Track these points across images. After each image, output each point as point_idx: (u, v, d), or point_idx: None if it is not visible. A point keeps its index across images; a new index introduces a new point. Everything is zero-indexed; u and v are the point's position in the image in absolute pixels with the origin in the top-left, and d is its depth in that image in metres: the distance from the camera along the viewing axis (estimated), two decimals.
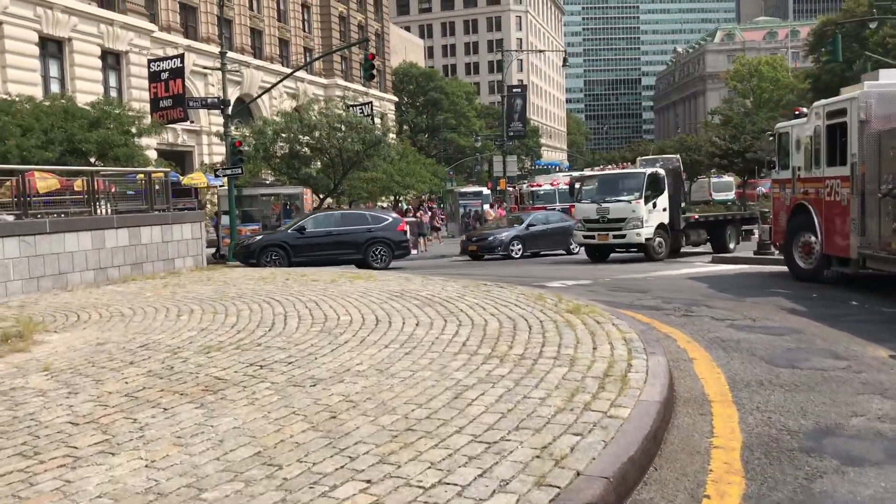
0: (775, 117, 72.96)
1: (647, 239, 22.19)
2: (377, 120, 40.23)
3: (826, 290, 13.23)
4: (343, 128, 31.36)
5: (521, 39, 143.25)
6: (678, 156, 30.40)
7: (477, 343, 7.92)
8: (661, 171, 23.31)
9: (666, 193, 22.97)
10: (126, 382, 6.77)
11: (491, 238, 27.65)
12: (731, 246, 24.21)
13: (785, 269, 16.87)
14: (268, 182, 32.28)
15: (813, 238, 14.13)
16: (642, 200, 22.27)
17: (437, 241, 38.84)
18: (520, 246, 27.18)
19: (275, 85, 31.80)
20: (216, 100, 27.69)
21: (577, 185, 24.86)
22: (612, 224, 22.64)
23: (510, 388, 6.12)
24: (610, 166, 30.13)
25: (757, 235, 27.65)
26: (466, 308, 10.32)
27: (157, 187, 17.57)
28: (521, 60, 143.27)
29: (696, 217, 24.66)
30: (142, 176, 18.18)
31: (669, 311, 11.47)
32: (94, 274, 14.82)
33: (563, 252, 27.69)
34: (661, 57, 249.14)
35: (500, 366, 6.90)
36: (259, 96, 35.06)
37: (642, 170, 23.95)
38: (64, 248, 14.16)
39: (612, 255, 23.77)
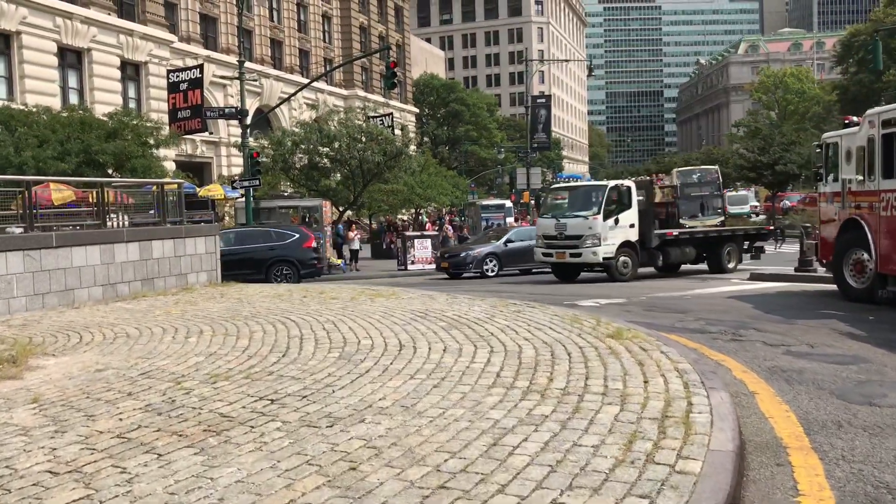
0: (804, 129, 71.84)
1: (605, 258, 20.56)
2: (398, 131, 39.56)
3: (883, 313, 12.30)
4: (363, 139, 30.71)
5: (542, 51, 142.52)
6: (717, 167, 29.46)
7: (513, 374, 7.10)
8: (628, 185, 21.74)
9: (634, 209, 21.30)
10: (120, 419, 6.00)
11: (463, 255, 25.80)
12: (731, 265, 22.68)
13: (831, 287, 15.95)
14: (286, 194, 31.64)
15: (866, 255, 13.21)
16: (600, 216, 20.64)
17: None
18: (495, 263, 25.43)
19: (293, 94, 31.21)
20: (234, 110, 27.11)
21: (542, 198, 23.40)
22: (569, 241, 21.06)
23: (556, 432, 5.29)
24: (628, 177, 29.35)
25: (774, 250, 26.51)
26: (497, 331, 9.51)
27: (170, 199, 16.88)
28: (543, 72, 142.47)
29: (675, 234, 22.49)
30: (155, 188, 17.51)
31: (716, 334, 10.59)
32: (102, 290, 14.14)
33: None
34: (683, 69, 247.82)
35: (541, 403, 6.08)
36: (277, 106, 34.51)
37: (604, 183, 22.31)
38: (71, 263, 13.49)
39: (585, 273, 22.50)
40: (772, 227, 25.11)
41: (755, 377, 7.87)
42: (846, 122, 14.55)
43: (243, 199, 27.04)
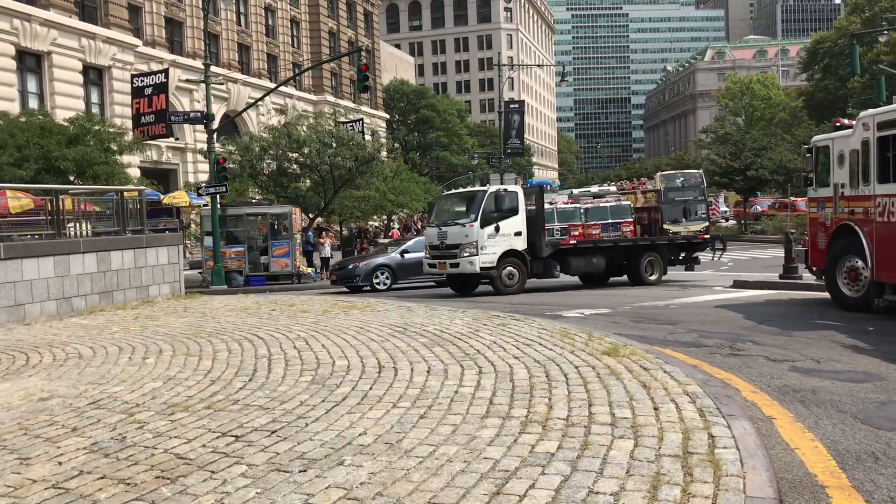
0: (774, 134, 72.00)
1: (483, 268, 19.26)
2: (368, 136, 38.80)
3: (881, 323, 11.75)
4: (334, 144, 29.86)
5: (511, 57, 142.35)
6: (700, 171, 29.10)
7: (507, 400, 6.39)
8: (512, 190, 20.61)
9: (521, 216, 19.97)
10: (59, 462, 5.20)
11: (351, 266, 23.91)
12: (653, 277, 21.43)
13: (820, 295, 15.47)
14: (254, 201, 30.72)
15: (860, 263, 12.68)
16: (477, 223, 19.32)
17: None
18: (387, 276, 23.51)
19: (260, 99, 30.30)
20: (199, 114, 26.16)
21: (432, 206, 21.95)
22: (448, 251, 19.80)
23: (567, 475, 4.58)
24: (607, 184, 28.70)
25: (713, 259, 25.16)
26: (483, 348, 8.80)
27: (131, 207, 15.98)
28: (513, 79, 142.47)
29: (573, 243, 21.32)
30: (116, 196, 16.59)
31: (712, 348, 9.96)
32: (56, 304, 13.22)
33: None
34: (650, 76, 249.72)
35: (544, 437, 5.37)
36: (244, 110, 33.55)
37: (483, 188, 21.22)
38: (22, 276, 12.56)
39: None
40: (707, 236, 23.60)
41: (767, 398, 7.22)
42: (837, 124, 14.04)
43: (209, 206, 26.08)
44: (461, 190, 22.16)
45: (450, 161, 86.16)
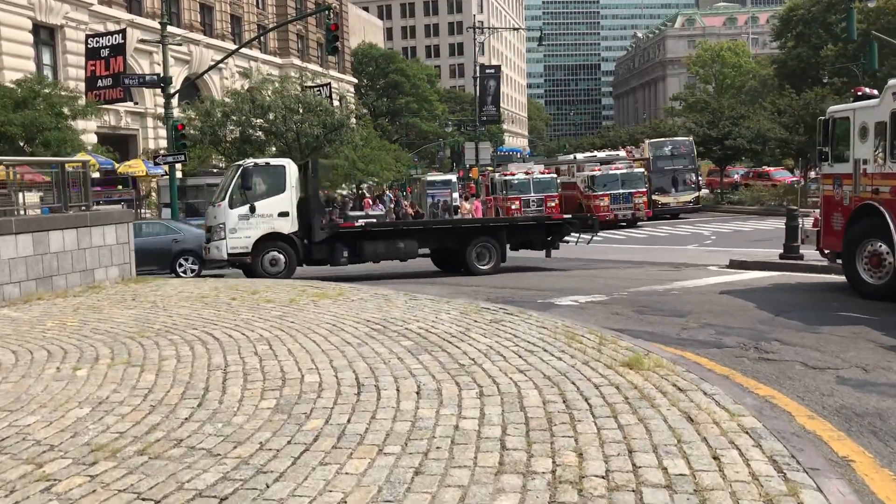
0: (748, 103, 71.04)
1: (233, 254, 17.31)
2: (336, 102, 37.05)
3: None
4: (300, 110, 28.21)
5: (482, 21, 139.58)
6: (690, 138, 27.96)
7: (523, 443, 5.04)
8: (277, 164, 18.65)
9: (288, 194, 17.88)
10: None
11: None
12: (485, 265, 18.79)
13: (826, 278, 14.39)
14: (216, 170, 29.00)
15: (884, 247, 11.51)
16: (225, 203, 17.45)
17: None
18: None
19: (222, 60, 28.55)
20: (155, 77, 24.37)
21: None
22: (208, 234, 18.01)
23: None
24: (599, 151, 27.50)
25: (576, 244, 21.98)
26: (479, 356, 7.45)
27: (75, 179, 14.34)
28: (483, 44, 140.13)
29: (361, 224, 19.33)
30: (63, 167, 14.89)
31: (736, 349, 8.72)
32: None
33: (170, 273, 19.88)
34: (620, 42, 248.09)
35: None
36: (204, 73, 31.62)
37: (240, 162, 19.13)
38: None
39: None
40: (567, 217, 21.68)
41: (829, 427, 5.96)
42: (858, 93, 12.77)
43: (167, 176, 24.40)
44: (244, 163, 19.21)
45: (420, 128, 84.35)
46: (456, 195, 41.72)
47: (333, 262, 18.60)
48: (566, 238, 21.13)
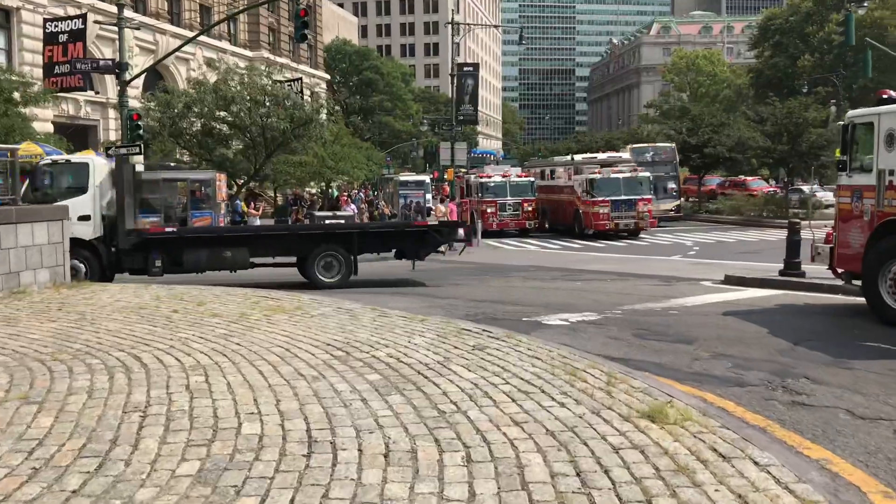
0: (730, 110, 70.34)
1: None
2: (307, 96, 35.43)
3: None
4: (267, 102, 26.62)
5: (458, 23, 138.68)
6: (673, 144, 26.85)
7: None
8: (78, 162, 16.98)
9: (92, 195, 16.05)
10: None
11: None
12: (331, 278, 16.81)
13: (836, 299, 13.13)
14: (172, 165, 27.22)
15: None
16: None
17: None
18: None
19: (183, 45, 26.86)
20: (110, 63, 22.66)
21: None
22: None
23: None
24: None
25: (446, 256, 21.31)
26: (462, 398, 6.03)
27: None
28: (459, 45, 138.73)
29: (172, 232, 17.31)
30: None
31: (762, 389, 7.39)
32: None
33: None
34: (595, 48, 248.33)
35: None
36: (163, 59, 29.75)
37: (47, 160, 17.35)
38: None
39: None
40: (432, 224, 19.56)
41: None
42: (883, 97, 11.50)
43: None
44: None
45: (393, 127, 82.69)
46: (429, 196, 40.29)
47: (147, 271, 16.58)
48: (440, 249, 19.03)
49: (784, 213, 38.82)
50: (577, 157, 34.83)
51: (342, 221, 25.35)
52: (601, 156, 34.88)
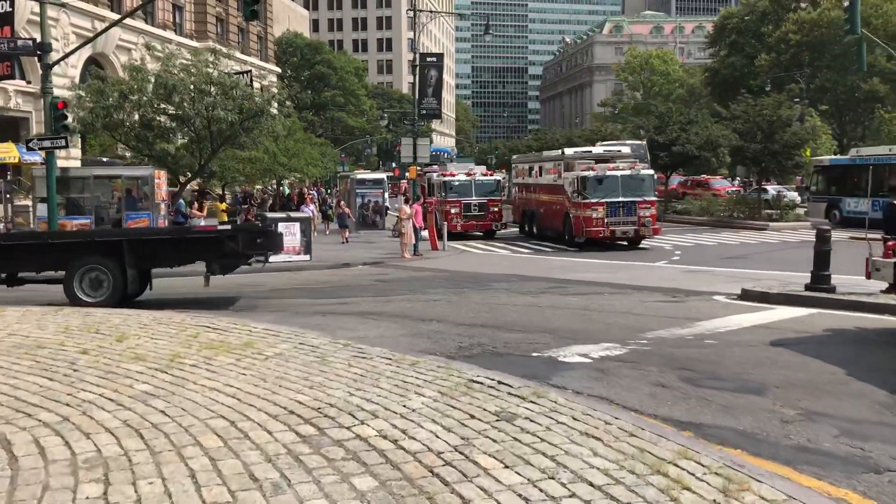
0: (696, 107, 69.07)
1: None
2: (257, 86, 32.73)
3: None
4: (213, 92, 23.96)
5: (411, 17, 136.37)
6: (644, 142, 24.89)
7: None
8: None
9: None
10: None
11: None
12: (98, 297, 13.15)
13: (884, 319, 11.13)
14: (105, 161, 24.39)
15: None
16: None
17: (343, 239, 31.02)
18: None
19: (111, 26, 24.13)
20: (30, 42, 19.84)
21: None
22: None
23: None
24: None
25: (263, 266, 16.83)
26: None
27: None
28: (412, 40, 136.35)
29: None
30: None
31: None
32: None
33: None
34: (548, 47, 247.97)
35: None
36: (87, 42, 26.65)
37: None
38: None
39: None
40: (224, 229, 15.72)
41: None
42: None
43: (46, 164, 19.93)
44: None
45: (346, 123, 79.92)
46: (388, 195, 37.97)
47: None
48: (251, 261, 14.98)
49: (757, 214, 37.41)
50: (568, 151, 30.04)
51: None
52: (596, 149, 30.91)
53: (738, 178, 60.34)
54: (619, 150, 28.43)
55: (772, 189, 46.32)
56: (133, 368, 7.09)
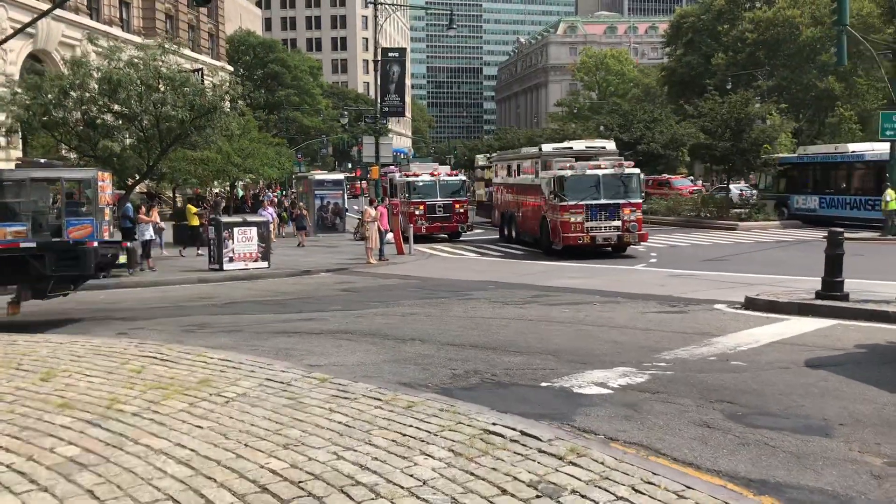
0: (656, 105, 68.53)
1: None
2: (209, 83, 30.97)
3: None
4: (162, 87, 22.25)
5: (366, 17, 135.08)
6: (612, 142, 23.86)
7: None
8: None
9: None
10: None
11: None
12: None
13: None
14: (42, 162, 22.49)
15: None
16: None
17: (301, 242, 29.34)
18: None
19: (42, 15, 22.31)
20: None
21: None
22: None
23: None
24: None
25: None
26: None
27: None
28: (367, 39, 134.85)
29: None
30: None
31: None
32: None
33: None
34: (502, 47, 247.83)
35: None
36: (17, 33, 24.63)
37: None
38: None
39: None
40: (28, 245, 12.71)
41: None
42: None
43: None
44: None
45: (301, 122, 77.95)
46: (344, 197, 36.38)
47: None
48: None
49: (725, 214, 36.82)
50: (546, 147, 27.39)
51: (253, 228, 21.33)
52: (578, 145, 28.14)
53: (693, 178, 59.93)
54: (604, 147, 26.24)
55: (735, 188, 45.82)
56: (58, 421, 5.60)
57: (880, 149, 30.39)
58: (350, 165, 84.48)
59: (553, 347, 9.53)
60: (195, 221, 25.36)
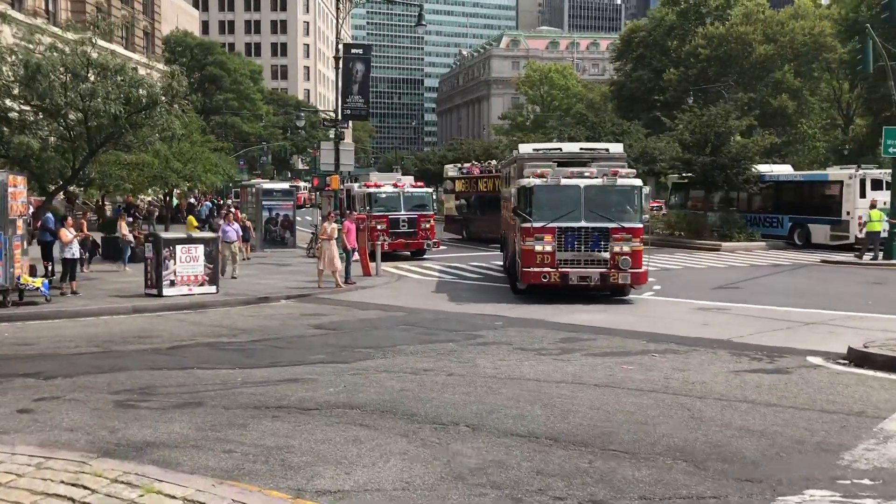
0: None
1: None
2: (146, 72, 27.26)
3: None
4: (91, 77, 18.68)
5: (307, 23, 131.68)
6: None
7: None
8: None
9: None
10: None
11: None
12: None
13: None
14: None
15: None
16: None
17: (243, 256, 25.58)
18: None
19: None
20: None
21: None
22: None
23: None
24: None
25: None
26: None
27: None
28: (308, 45, 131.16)
29: None
30: None
31: None
32: None
33: None
34: (444, 59, 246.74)
35: None
36: None
37: None
38: None
39: None
40: None
41: None
42: None
43: None
44: None
45: (241, 128, 73.90)
46: (291, 210, 32.89)
47: None
48: None
49: (706, 233, 34.61)
50: (525, 148, 20.70)
51: (201, 245, 17.90)
52: (570, 147, 22.27)
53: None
54: (606, 150, 19.25)
55: None
56: None
57: (778, 170, 35.66)
58: (289, 174, 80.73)
59: (672, 443, 6.50)
60: (197, 234, 21.61)
